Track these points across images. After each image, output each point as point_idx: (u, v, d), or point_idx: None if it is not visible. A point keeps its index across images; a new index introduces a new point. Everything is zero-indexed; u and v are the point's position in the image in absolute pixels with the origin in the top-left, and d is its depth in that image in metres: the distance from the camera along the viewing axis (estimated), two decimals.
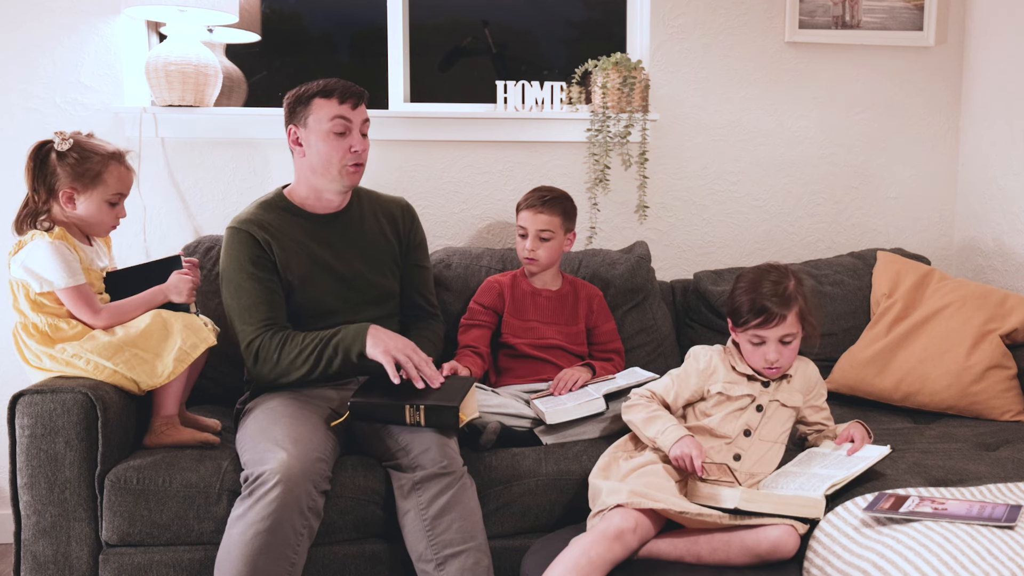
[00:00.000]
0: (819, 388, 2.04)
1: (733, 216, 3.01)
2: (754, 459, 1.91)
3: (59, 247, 1.90)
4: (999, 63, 2.89)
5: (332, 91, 2.08)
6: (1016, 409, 2.41)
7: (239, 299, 2.07)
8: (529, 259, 2.42)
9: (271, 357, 2.02)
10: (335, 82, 2.10)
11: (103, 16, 2.63)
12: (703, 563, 1.72)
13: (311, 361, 2.01)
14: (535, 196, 2.43)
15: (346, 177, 2.12)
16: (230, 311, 2.09)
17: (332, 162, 2.09)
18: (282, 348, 2.02)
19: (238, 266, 2.07)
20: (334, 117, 2.07)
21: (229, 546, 1.74)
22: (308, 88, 2.10)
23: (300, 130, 2.10)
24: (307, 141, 2.10)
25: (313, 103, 2.08)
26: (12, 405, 1.87)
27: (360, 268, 2.19)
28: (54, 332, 1.93)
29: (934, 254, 3.10)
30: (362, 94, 2.13)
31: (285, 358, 2.02)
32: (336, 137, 2.08)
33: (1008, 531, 1.56)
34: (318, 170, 2.11)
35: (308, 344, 2.02)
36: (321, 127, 2.07)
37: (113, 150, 2.00)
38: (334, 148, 2.08)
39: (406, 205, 2.33)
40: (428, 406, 1.91)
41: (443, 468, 1.87)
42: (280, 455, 1.77)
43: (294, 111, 2.11)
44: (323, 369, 2.02)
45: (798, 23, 2.94)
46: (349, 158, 2.10)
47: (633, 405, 1.97)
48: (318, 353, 2.01)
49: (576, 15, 3.37)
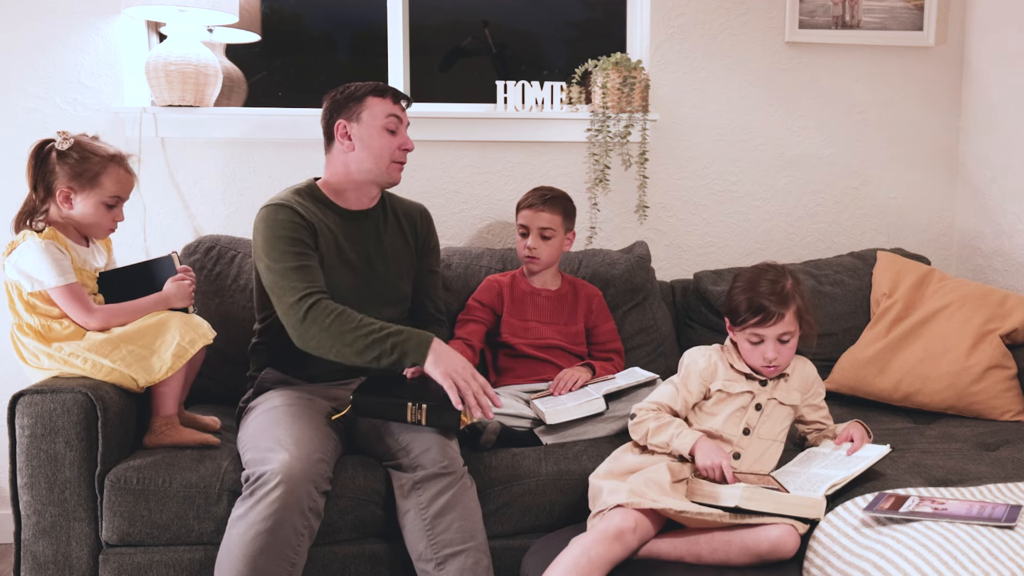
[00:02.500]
0: (817, 387, 2.05)
1: (733, 216, 3.02)
2: (753, 457, 1.91)
3: (48, 247, 1.90)
4: (999, 63, 2.89)
5: (385, 91, 2.17)
6: (1016, 409, 2.41)
7: (285, 262, 2.02)
8: (530, 257, 2.42)
9: (323, 321, 1.96)
10: (384, 84, 2.20)
11: (103, 16, 2.63)
12: (703, 563, 1.72)
13: (363, 345, 1.94)
14: (536, 195, 2.44)
15: (391, 174, 2.18)
16: (271, 275, 2.02)
17: (383, 156, 2.15)
18: (339, 317, 1.96)
19: (282, 235, 2.04)
20: (389, 114, 2.15)
21: (229, 546, 1.74)
22: (358, 87, 2.17)
23: (352, 125, 2.15)
24: (357, 135, 2.14)
25: (367, 100, 2.15)
26: (12, 405, 1.87)
27: (380, 268, 2.20)
28: (47, 332, 1.94)
29: (934, 254, 3.10)
30: (409, 99, 2.23)
31: (338, 328, 1.95)
32: (388, 134, 2.15)
33: (1008, 531, 1.56)
34: (365, 163, 2.15)
35: (366, 327, 1.96)
36: (376, 122, 2.14)
37: (114, 152, 2.00)
38: (386, 143, 2.15)
39: (424, 210, 2.38)
40: (431, 406, 1.91)
41: (444, 468, 1.87)
42: (282, 456, 1.77)
43: (344, 107, 2.16)
44: (371, 359, 1.95)
45: (798, 23, 2.94)
46: (398, 155, 2.17)
47: (641, 421, 1.95)
48: (374, 341, 1.94)
49: (576, 15, 3.37)
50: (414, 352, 1.93)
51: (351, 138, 2.15)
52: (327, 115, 2.18)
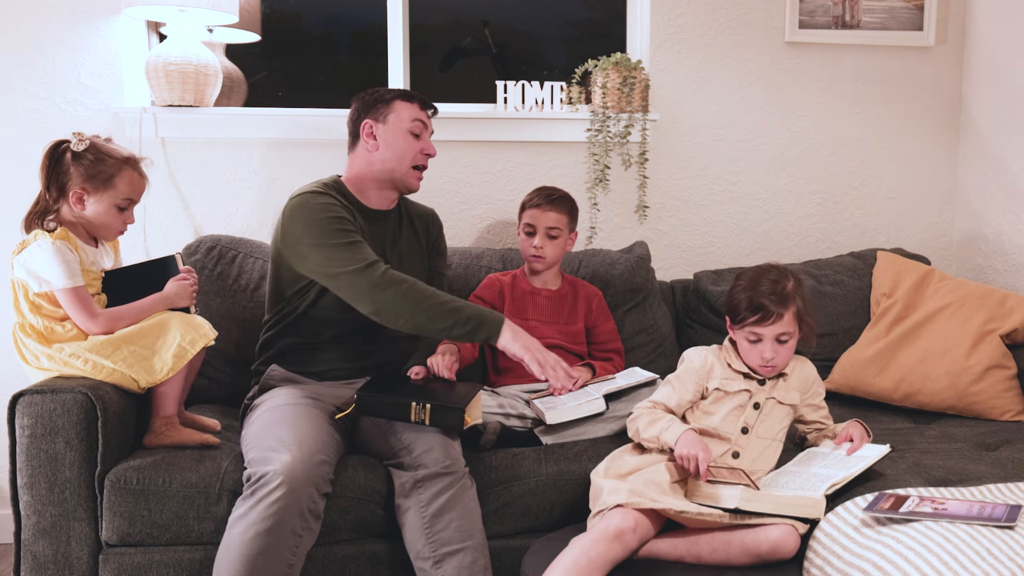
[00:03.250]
0: (817, 387, 2.05)
1: (733, 216, 3.02)
2: (752, 456, 1.91)
3: (60, 247, 1.90)
4: (999, 63, 2.89)
5: (413, 97, 2.24)
6: (1016, 409, 2.41)
7: (339, 239, 2.03)
8: (536, 256, 2.42)
9: (399, 286, 1.98)
10: (412, 90, 2.28)
11: (103, 16, 2.63)
12: (703, 563, 1.72)
13: (440, 312, 1.98)
14: (542, 194, 2.45)
15: (410, 178, 2.23)
16: (325, 252, 2.02)
17: (406, 158, 2.20)
18: (413, 284, 2.00)
19: (329, 216, 2.06)
20: (415, 119, 2.21)
21: (229, 545, 1.75)
22: (387, 91, 2.24)
23: (378, 126, 2.19)
24: (382, 136, 2.19)
25: (395, 103, 2.21)
26: (12, 405, 1.87)
27: (395, 268, 2.21)
28: (49, 334, 1.94)
29: (934, 254, 3.10)
30: (436, 108, 2.29)
31: (415, 294, 1.98)
32: (413, 137, 2.20)
33: (1008, 531, 1.56)
34: (388, 163, 2.20)
35: (440, 296, 2.01)
36: (402, 125, 2.19)
37: (128, 155, 2.01)
38: (409, 146, 2.20)
39: (435, 214, 2.43)
40: (434, 405, 1.92)
41: (446, 468, 1.87)
42: (285, 457, 1.78)
43: (373, 108, 2.21)
44: (444, 327, 1.99)
45: (798, 23, 2.94)
46: (420, 159, 2.22)
47: (636, 417, 1.96)
48: (450, 310, 1.99)
49: (576, 15, 3.37)
50: (489, 326, 2.00)
51: (376, 138, 2.19)
52: (355, 115, 2.23)
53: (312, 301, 2.14)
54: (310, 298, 2.14)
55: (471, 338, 2.01)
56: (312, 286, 2.13)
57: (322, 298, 2.13)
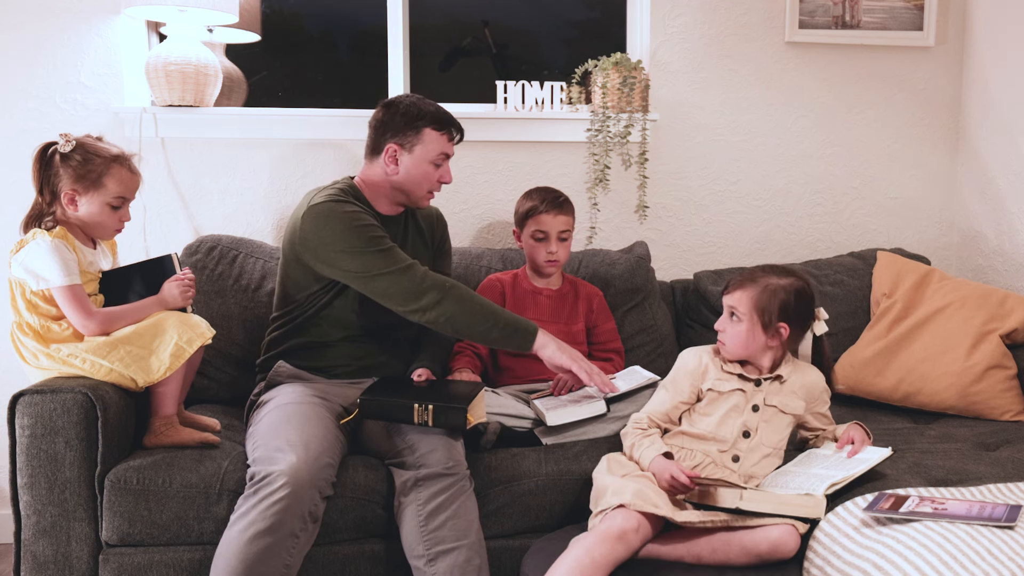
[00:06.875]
0: (823, 396, 2.04)
1: (733, 216, 3.01)
2: (752, 462, 1.90)
3: (58, 246, 1.90)
4: (999, 63, 2.89)
5: (445, 126, 2.18)
6: (1016, 409, 2.41)
7: (376, 245, 2.05)
8: (551, 261, 2.43)
9: (443, 285, 2.03)
10: (446, 114, 2.20)
11: (103, 16, 2.63)
12: (703, 563, 1.72)
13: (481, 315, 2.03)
14: (550, 199, 2.44)
15: (422, 201, 2.24)
16: (364, 257, 2.04)
17: (421, 186, 2.20)
18: (455, 286, 2.05)
19: (362, 224, 2.07)
20: (440, 153, 2.19)
21: (228, 543, 1.75)
22: (421, 110, 2.16)
23: (403, 153, 2.17)
24: (403, 163, 2.17)
25: (424, 133, 2.16)
26: (12, 405, 1.87)
27: None
28: (45, 333, 1.94)
29: (934, 254, 3.10)
30: (463, 134, 2.26)
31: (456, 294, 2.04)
32: (433, 167, 2.19)
33: (1008, 531, 1.56)
34: (405, 186, 2.19)
35: (480, 300, 2.06)
36: (427, 157, 2.17)
37: (117, 153, 2.00)
38: (427, 176, 2.19)
39: (440, 214, 2.43)
40: (437, 406, 1.93)
41: (448, 469, 1.88)
42: (290, 458, 1.78)
43: (402, 132, 2.16)
44: (482, 331, 2.04)
45: (798, 23, 2.94)
46: (435, 185, 2.22)
47: (626, 434, 1.98)
48: (490, 314, 2.04)
49: (576, 15, 3.37)
50: (524, 333, 2.06)
51: (398, 163, 2.17)
52: (380, 128, 2.19)
53: (326, 303, 2.14)
54: (323, 300, 2.14)
55: (506, 344, 2.06)
56: (327, 290, 2.13)
57: (337, 300, 2.14)
